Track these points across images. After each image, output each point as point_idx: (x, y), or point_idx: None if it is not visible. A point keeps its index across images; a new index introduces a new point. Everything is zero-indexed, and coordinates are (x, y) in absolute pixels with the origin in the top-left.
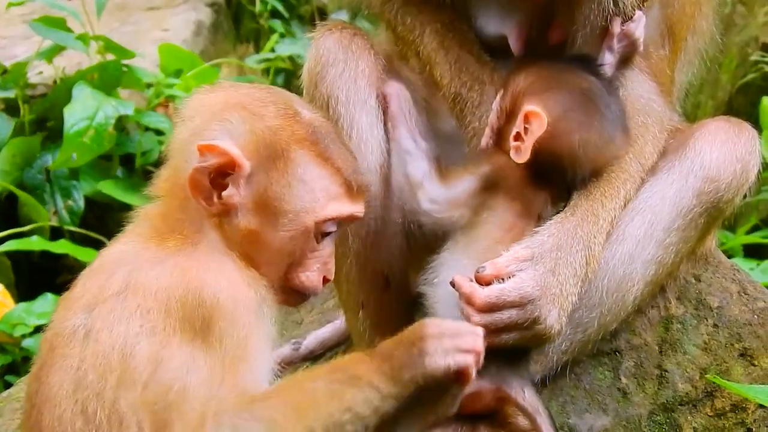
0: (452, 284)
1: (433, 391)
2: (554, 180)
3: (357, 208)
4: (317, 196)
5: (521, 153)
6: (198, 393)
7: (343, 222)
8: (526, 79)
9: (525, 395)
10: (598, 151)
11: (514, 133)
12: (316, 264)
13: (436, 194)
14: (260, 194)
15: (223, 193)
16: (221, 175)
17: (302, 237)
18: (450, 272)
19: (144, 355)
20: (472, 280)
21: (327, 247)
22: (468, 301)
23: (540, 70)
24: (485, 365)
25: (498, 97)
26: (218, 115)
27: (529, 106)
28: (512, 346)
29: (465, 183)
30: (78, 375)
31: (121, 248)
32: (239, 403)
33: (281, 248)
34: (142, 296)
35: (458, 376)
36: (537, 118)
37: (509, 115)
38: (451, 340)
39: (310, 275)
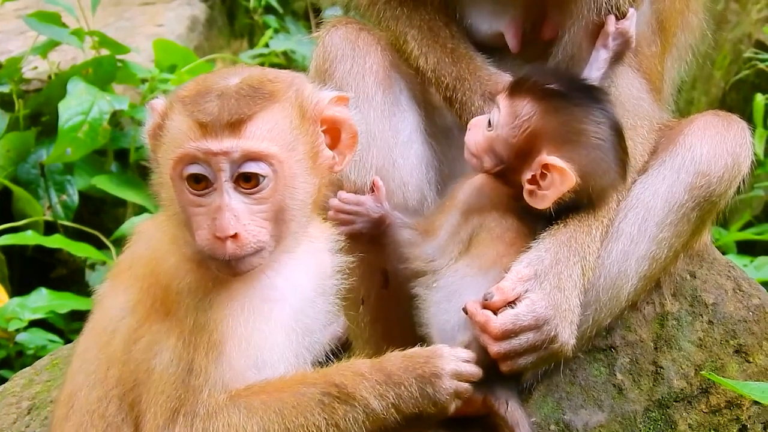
0: (465, 311)
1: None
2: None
3: (205, 144)
4: (174, 142)
5: (539, 199)
6: (164, 377)
7: (201, 161)
8: (543, 118)
9: (508, 407)
10: (606, 195)
11: (529, 176)
12: (206, 221)
13: (426, 252)
14: (151, 151)
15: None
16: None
17: (173, 189)
18: (450, 279)
19: (124, 332)
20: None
21: (214, 201)
22: (483, 329)
23: (555, 110)
24: None
25: (496, 119)
26: None
27: (552, 158)
28: (530, 368)
29: (448, 223)
30: (87, 337)
31: (142, 223)
32: (219, 399)
33: (173, 205)
34: (132, 273)
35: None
36: (563, 175)
37: (520, 152)
38: (464, 386)
39: (201, 233)
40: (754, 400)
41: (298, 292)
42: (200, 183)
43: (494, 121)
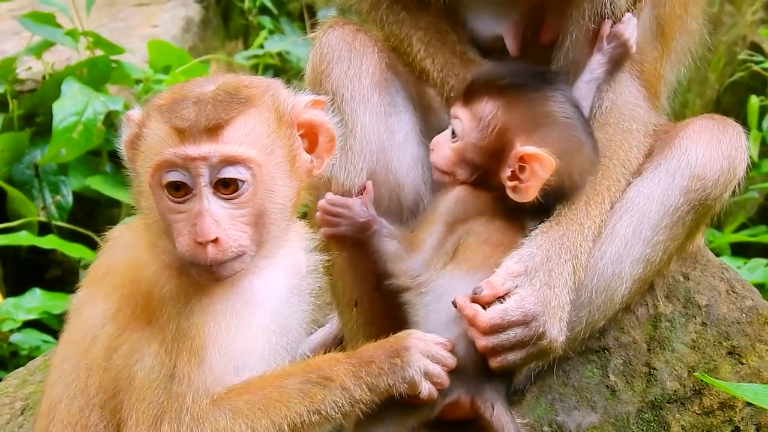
0: (454, 304)
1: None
2: (531, 203)
3: (182, 150)
4: (152, 149)
5: (523, 193)
6: (145, 383)
7: (179, 168)
8: (507, 111)
9: (494, 411)
10: (586, 173)
11: (508, 173)
12: (186, 227)
13: (411, 267)
14: (132, 161)
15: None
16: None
17: (152, 197)
18: (438, 282)
19: (104, 339)
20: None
21: (194, 207)
22: (472, 323)
23: (516, 102)
24: (466, 375)
25: (460, 128)
26: None
27: (526, 148)
28: (520, 365)
29: (432, 236)
30: (65, 347)
31: (117, 229)
32: (203, 404)
33: (153, 214)
34: (111, 280)
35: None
36: (542, 161)
37: (493, 153)
38: (433, 366)
39: (181, 239)
40: (747, 401)
41: (276, 293)
42: (179, 190)
43: (459, 130)
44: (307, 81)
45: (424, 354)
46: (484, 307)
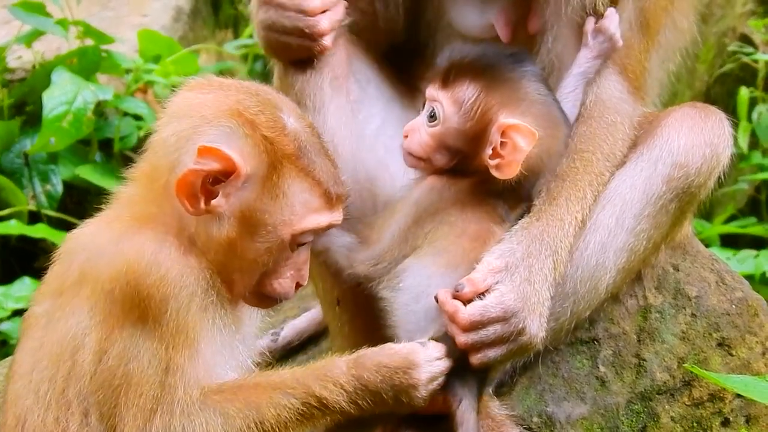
0: (436, 299)
1: None
2: (507, 187)
3: (335, 217)
4: (296, 209)
5: (506, 168)
6: (142, 378)
7: (320, 231)
8: (489, 93)
9: (459, 405)
10: (561, 154)
11: (489, 151)
12: (290, 270)
13: (369, 255)
14: (247, 205)
15: (213, 201)
16: (214, 180)
17: (278, 249)
18: (416, 280)
19: (91, 347)
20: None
21: (302, 255)
22: (452, 320)
23: (495, 82)
24: None
25: (442, 112)
26: (213, 119)
27: (509, 120)
28: (500, 362)
29: (396, 225)
30: (36, 357)
31: (84, 233)
32: (193, 395)
33: (255, 259)
34: (92, 287)
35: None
36: (524, 132)
37: (475, 136)
38: (436, 383)
39: (283, 282)
40: (737, 393)
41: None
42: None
43: (440, 115)
44: (275, 88)
45: (432, 380)
46: (465, 304)
